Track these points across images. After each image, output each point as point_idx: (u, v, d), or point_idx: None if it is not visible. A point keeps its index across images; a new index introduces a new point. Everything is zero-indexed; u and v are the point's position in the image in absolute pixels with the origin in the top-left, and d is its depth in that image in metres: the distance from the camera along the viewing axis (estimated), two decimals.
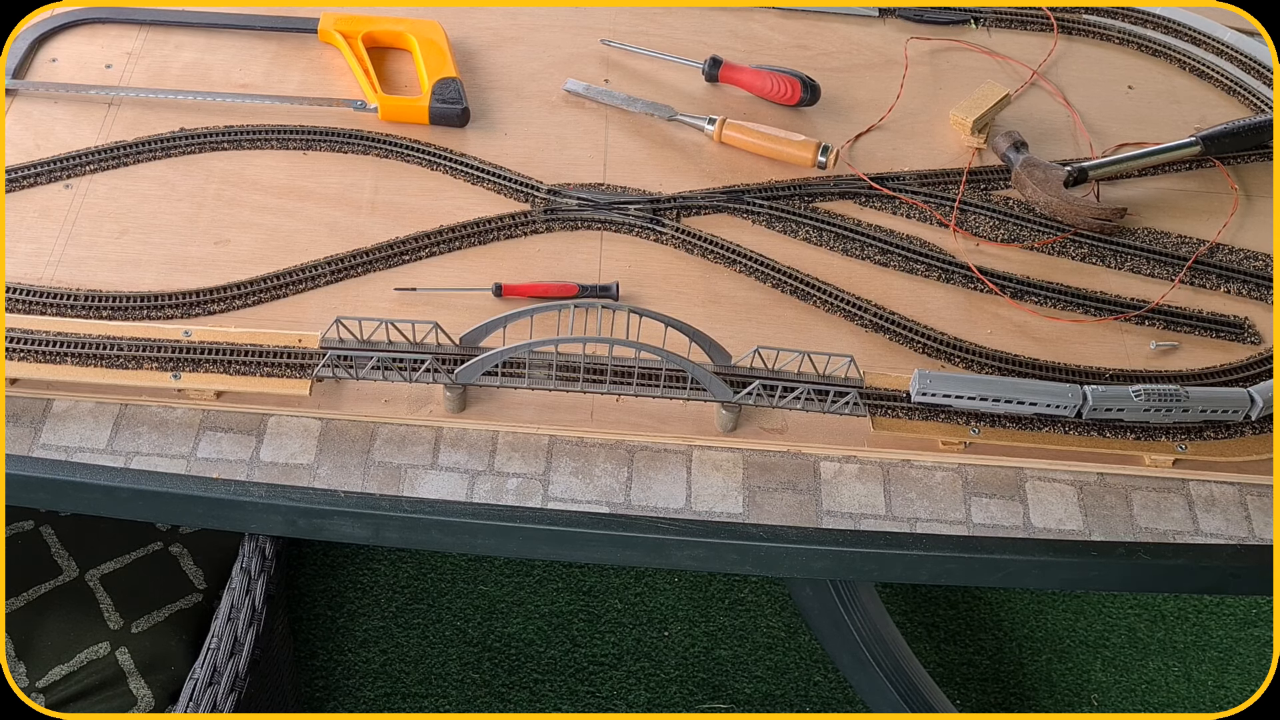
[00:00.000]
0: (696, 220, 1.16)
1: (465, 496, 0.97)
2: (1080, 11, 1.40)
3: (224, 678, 1.14)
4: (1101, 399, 0.98)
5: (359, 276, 1.09)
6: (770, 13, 1.38)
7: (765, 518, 0.98)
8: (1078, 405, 0.98)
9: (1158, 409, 0.98)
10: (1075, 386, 0.98)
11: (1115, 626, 1.81)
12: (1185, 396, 0.98)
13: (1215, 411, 0.99)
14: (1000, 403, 0.98)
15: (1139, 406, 0.98)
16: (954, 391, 0.98)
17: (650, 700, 1.68)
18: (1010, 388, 0.98)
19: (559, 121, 1.24)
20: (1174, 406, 0.98)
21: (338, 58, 1.27)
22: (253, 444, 0.98)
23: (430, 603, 1.74)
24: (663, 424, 1.01)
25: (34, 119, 1.18)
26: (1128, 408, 0.98)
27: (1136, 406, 0.98)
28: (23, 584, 1.22)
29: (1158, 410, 0.98)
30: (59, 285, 1.05)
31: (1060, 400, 0.98)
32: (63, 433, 0.98)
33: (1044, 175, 1.18)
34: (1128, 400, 0.98)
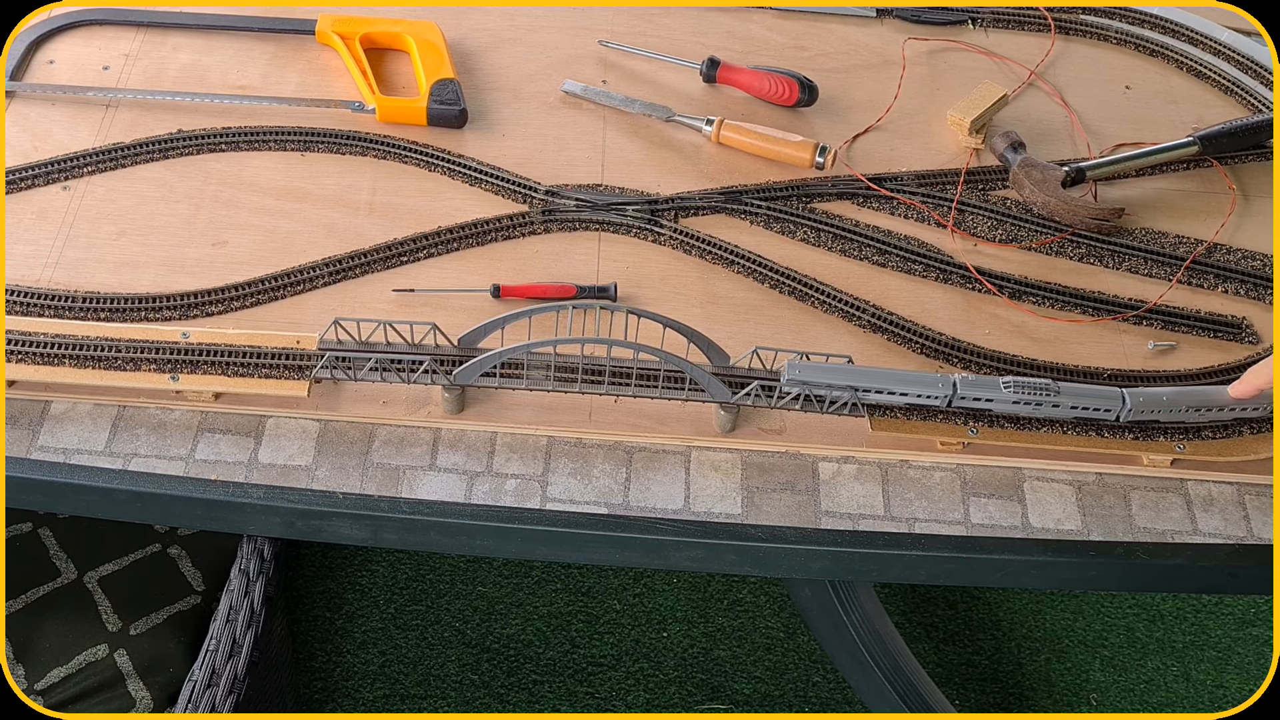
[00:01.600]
0: (694, 221, 1.16)
1: (464, 497, 0.97)
2: (1078, 11, 1.40)
3: (223, 679, 1.14)
4: (970, 388, 0.97)
5: (357, 278, 1.09)
6: (768, 13, 1.38)
7: (764, 518, 0.98)
8: (948, 396, 0.97)
9: (1026, 402, 0.97)
10: (946, 377, 0.97)
11: (1114, 626, 1.81)
12: (1055, 391, 0.97)
13: (1086, 409, 0.98)
14: (870, 393, 0.97)
15: (1008, 399, 0.97)
16: (823, 380, 0.96)
17: (649, 701, 1.68)
18: (879, 377, 0.97)
19: (557, 122, 1.24)
20: (1044, 401, 0.97)
21: (335, 59, 1.27)
22: (251, 445, 0.98)
23: (429, 604, 1.74)
24: (661, 425, 1.01)
25: (31, 120, 1.18)
26: (996, 399, 0.97)
27: (1005, 399, 0.97)
28: (21, 586, 1.22)
29: (1026, 404, 0.97)
30: (57, 287, 1.05)
31: (930, 390, 0.96)
32: (61, 435, 0.98)
33: (1042, 175, 1.18)
34: (996, 391, 0.97)
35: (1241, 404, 0.99)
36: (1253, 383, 0.97)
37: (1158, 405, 0.98)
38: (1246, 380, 0.97)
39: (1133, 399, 0.98)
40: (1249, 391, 0.97)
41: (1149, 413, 0.99)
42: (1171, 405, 0.98)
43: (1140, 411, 0.98)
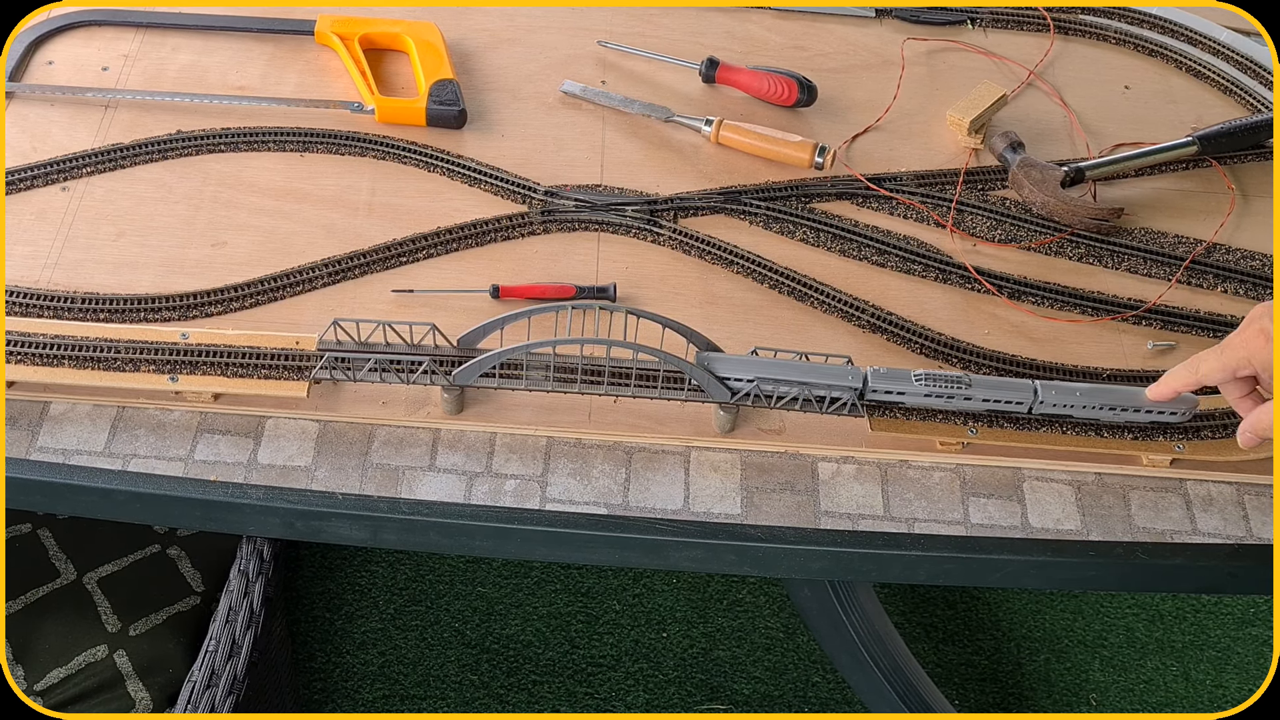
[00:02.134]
0: (694, 221, 1.16)
1: (463, 498, 0.97)
2: (1077, 11, 1.40)
3: (222, 680, 1.14)
4: (881, 381, 0.96)
5: (356, 278, 1.09)
6: (767, 13, 1.38)
7: (763, 518, 0.98)
8: (858, 388, 0.97)
9: (938, 395, 0.97)
10: (857, 370, 0.97)
11: (1113, 626, 1.81)
12: (967, 384, 0.96)
13: (998, 402, 0.97)
14: (782, 384, 0.96)
15: (919, 391, 0.96)
16: (733, 374, 0.96)
17: (649, 701, 1.68)
18: (789, 370, 0.96)
19: (556, 123, 1.24)
20: (955, 394, 0.96)
21: (334, 59, 1.27)
22: (250, 446, 0.98)
23: (428, 604, 1.74)
24: (660, 425, 1.01)
25: (30, 121, 1.18)
26: (908, 391, 0.97)
27: (917, 391, 0.96)
28: (21, 587, 1.22)
29: (938, 396, 0.97)
30: (56, 288, 1.05)
31: (840, 382, 0.96)
32: (60, 435, 0.98)
33: (1041, 175, 1.18)
34: (908, 384, 0.97)
35: (1159, 407, 0.97)
36: (1170, 385, 0.94)
37: (1070, 400, 0.97)
38: (1164, 383, 0.95)
39: (1044, 392, 0.97)
40: (1166, 394, 0.95)
41: (1061, 407, 0.98)
42: (1084, 401, 0.97)
43: (1052, 405, 0.97)
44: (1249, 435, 0.91)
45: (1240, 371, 0.89)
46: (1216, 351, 0.90)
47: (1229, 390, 0.93)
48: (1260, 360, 0.87)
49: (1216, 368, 0.90)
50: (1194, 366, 0.92)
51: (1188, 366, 0.92)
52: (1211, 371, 0.91)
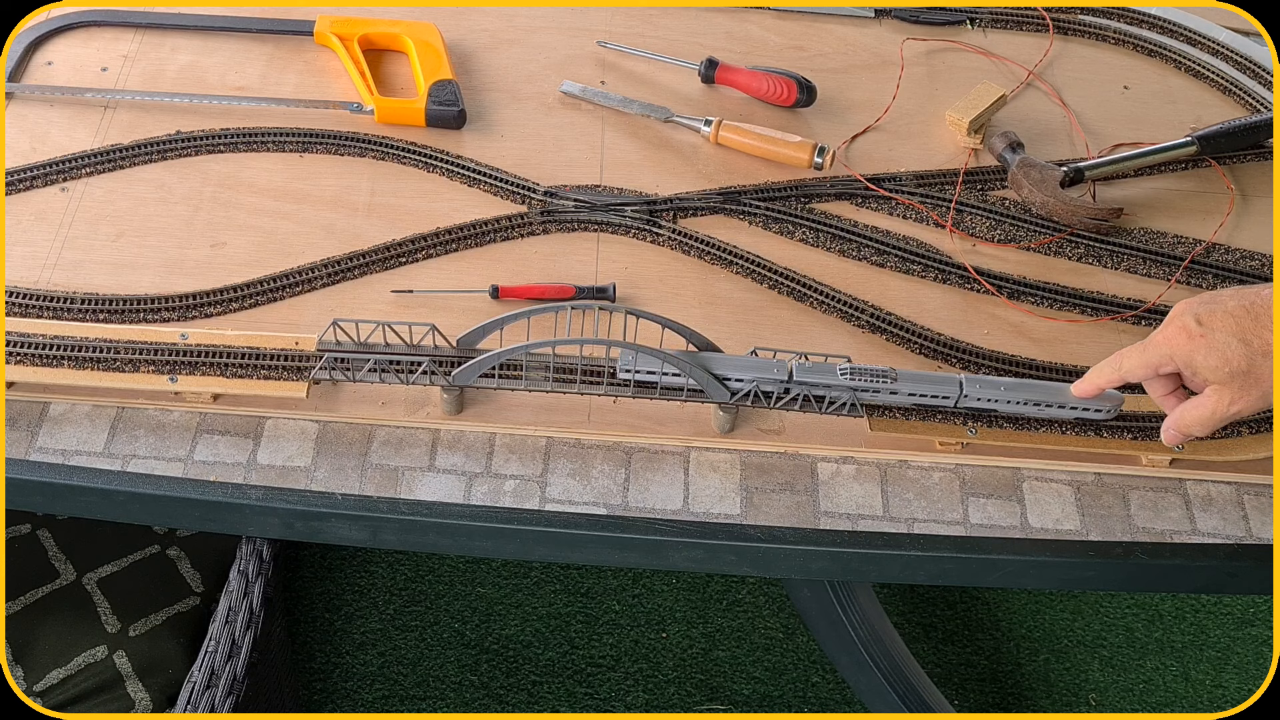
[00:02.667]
0: (693, 221, 1.16)
1: (463, 498, 0.97)
2: (1076, 12, 1.40)
3: (222, 680, 1.14)
4: (807, 374, 0.96)
5: (356, 279, 1.09)
6: (766, 14, 1.38)
7: (763, 519, 0.98)
8: (783, 382, 0.96)
9: (863, 389, 0.96)
10: (782, 363, 0.96)
11: (1113, 626, 1.82)
12: (893, 378, 0.96)
13: (924, 396, 0.97)
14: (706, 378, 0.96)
15: (845, 384, 0.96)
16: (652, 367, 0.96)
17: (648, 701, 1.68)
18: (710, 362, 0.96)
19: (555, 123, 1.24)
20: (881, 388, 0.96)
21: (334, 60, 1.27)
22: (250, 446, 0.98)
23: (428, 605, 1.74)
24: (660, 425, 1.01)
25: (30, 122, 1.18)
26: (834, 384, 0.96)
27: (842, 384, 0.96)
28: (20, 587, 1.22)
29: (864, 390, 0.96)
30: (55, 288, 1.05)
31: (765, 375, 0.96)
32: (60, 436, 0.98)
33: (1040, 175, 1.18)
34: (833, 377, 0.96)
35: (1084, 404, 0.97)
36: (1094, 382, 0.94)
37: (995, 395, 0.97)
38: (1089, 379, 0.94)
39: (969, 386, 0.97)
40: (1090, 391, 0.94)
41: (987, 402, 0.98)
42: (1010, 396, 0.97)
43: (977, 400, 0.97)
44: (1173, 433, 0.91)
45: (1163, 368, 0.89)
46: (1140, 348, 0.90)
47: (1153, 388, 0.93)
48: (1181, 357, 0.87)
49: (1139, 364, 0.90)
50: (1117, 363, 0.91)
51: (1111, 363, 0.92)
52: (1134, 368, 0.90)
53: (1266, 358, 0.84)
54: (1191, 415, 0.89)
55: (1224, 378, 0.86)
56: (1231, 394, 0.86)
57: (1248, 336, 0.84)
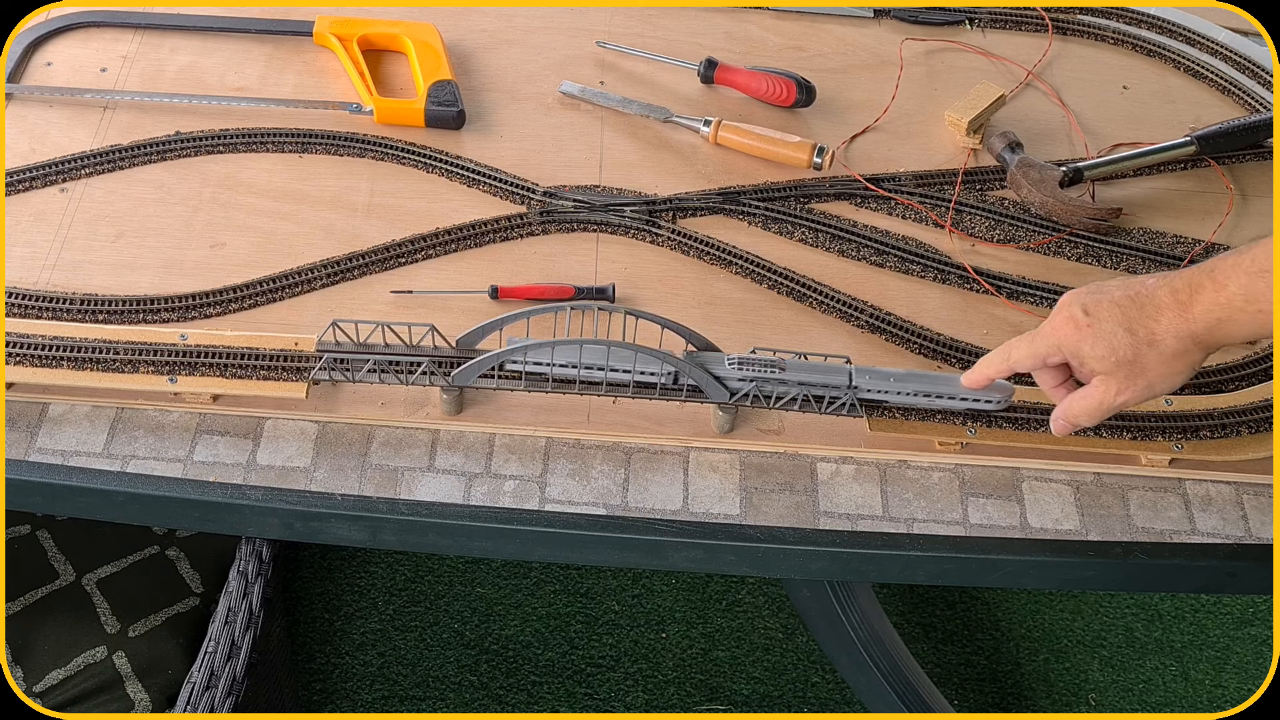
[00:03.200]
0: (692, 221, 1.16)
1: (462, 499, 0.97)
2: (1075, 12, 1.40)
3: (221, 681, 1.14)
4: (697, 362, 0.96)
5: (355, 279, 1.09)
6: (765, 14, 1.38)
7: (762, 519, 0.98)
8: (672, 372, 0.96)
9: (752, 379, 0.96)
10: (671, 354, 0.96)
11: (1112, 626, 1.82)
12: (781, 368, 0.96)
13: (813, 386, 0.97)
14: (594, 370, 0.96)
15: (734, 375, 0.96)
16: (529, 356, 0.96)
17: (648, 702, 1.68)
18: (600, 354, 0.96)
19: (555, 123, 1.24)
20: (771, 379, 0.96)
21: (333, 60, 1.27)
22: (249, 447, 0.98)
23: (427, 605, 1.74)
24: (659, 425, 1.01)
25: (29, 123, 1.18)
26: (724, 376, 0.96)
27: (731, 375, 0.96)
28: (20, 588, 1.22)
29: (752, 381, 0.96)
30: (55, 289, 1.05)
31: (653, 366, 0.96)
32: (59, 436, 0.98)
33: (1039, 175, 1.18)
34: (722, 368, 0.96)
35: (974, 394, 0.96)
36: (983, 372, 0.93)
37: (884, 386, 0.97)
38: (978, 369, 0.94)
39: (859, 377, 0.97)
40: (980, 381, 0.94)
41: (877, 393, 0.97)
42: (899, 387, 0.97)
43: (867, 391, 0.97)
44: (1061, 423, 0.91)
45: (1050, 358, 0.89)
46: (1028, 338, 0.90)
47: (1042, 379, 0.93)
48: (1069, 347, 0.87)
49: (1027, 354, 0.90)
50: (1006, 353, 0.91)
51: (1000, 353, 0.92)
52: (1023, 358, 0.90)
53: (1152, 347, 0.84)
54: (1079, 405, 0.89)
55: (1110, 367, 0.85)
56: (1118, 384, 0.86)
57: (1133, 326, 0.84)
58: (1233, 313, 0.81)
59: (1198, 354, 0.84)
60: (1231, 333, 0.82)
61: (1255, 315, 0.80)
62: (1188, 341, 0.83)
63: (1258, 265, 0.79)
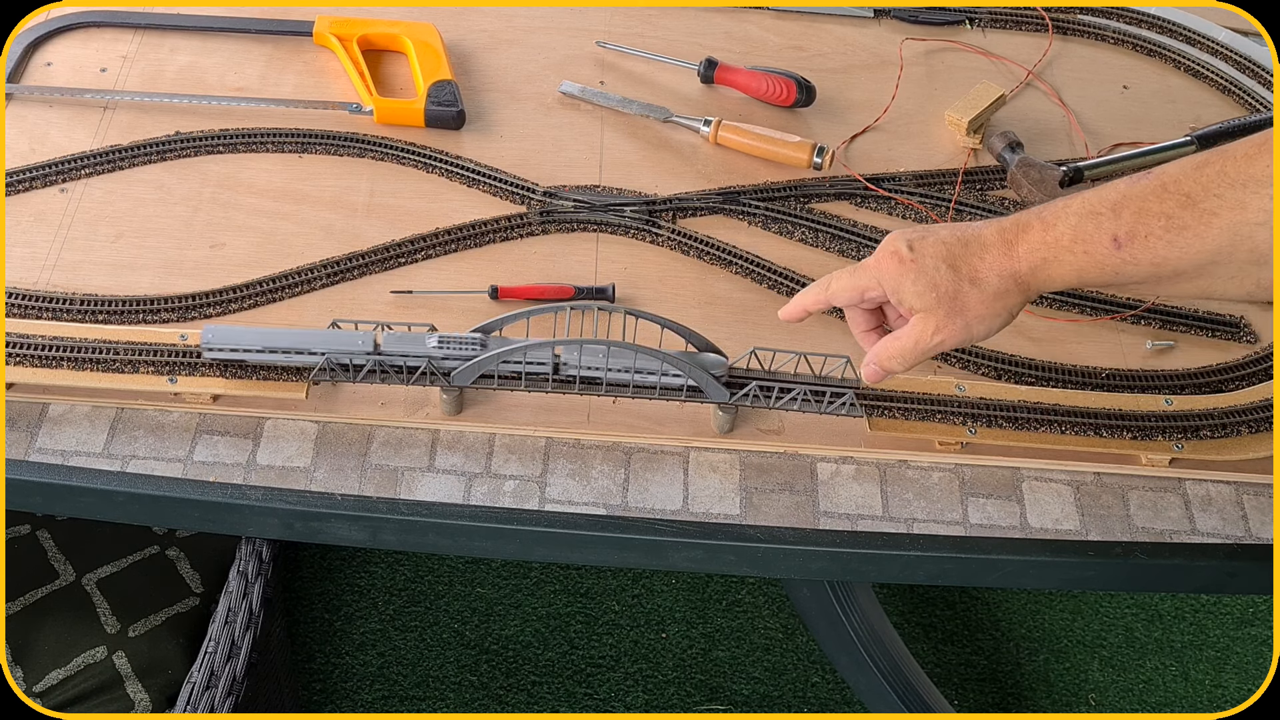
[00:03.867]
0: (692, 221, 1.16)
1: (462, 499, 0.97)
2: (1075, 11, 1.40)
3: (221, 681, 1.14)
4: (396, 344, 0.95)
5: (355, 279, 1.09)
6: (765, 14, 1.38)
7: (762, 519, 0.98)
8: (369, 353, 0.95)
9: (455, 357, 0.95)
10: (368, 334, 0.95)
11: (1112, 626, 1.82)
12: (483, 345, 0.95)
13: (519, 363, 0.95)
14: (293, 354, 0.96)
15: (438, 354, 0.95)
16: (241, 344, 0.96)
17: (648, 702, 1.68)
18: (294, 338, 0.95)
19: (554, 124, 1.24)
20: (472, 355, 0.95)
21: (333, 60, 1.27)
22: (249, 447, 0.98)
23: (427, 605, 1.74)
24: (659, 425, 1.01)
25: (29, 123, 1.18)
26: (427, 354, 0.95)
27: (435, 354, 0.95)
28: (19, 588, 1.22)
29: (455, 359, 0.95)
30: (54, 289, 1.05)
31: (350, 347, 0.95)
32: (59, 436, 0.98)
33: (1039, 175, 1.18)
34: (422, 346, 0.95)
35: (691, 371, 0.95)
36: (801, 304, 0.91)
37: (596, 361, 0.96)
38: (796, 301, 0.91)
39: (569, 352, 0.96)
40: (796, 312, 0.92)
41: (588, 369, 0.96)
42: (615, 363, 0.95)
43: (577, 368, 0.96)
44: (873, 368, 0.89)
45: (869, 292, 0.87)
46: (849, 271, 0.88)
47: (855, 320, 0.92)
48: (889, 282, 0.85)
49: (847, 286, 0.88)
50: (825, 284, 0.89)
51: (818, 285, 0.90)
52: (841, 289, 0.88)
53: (974, 285, 0.83)
54: (894, 346, 0.87)
55: (930, 304, 0.84)
56: (936, 322, 0.84)
57: (956, 263, 0.83)
58: (1059, 252, 0.80)
59: (1018, 296, 0.83)
60: (1055, 275, 0.81)
61: (1081, 256, 0.79)
62: (1009, 281, 0.82)
63: (1088, 207, 0.79)
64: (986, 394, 1.02)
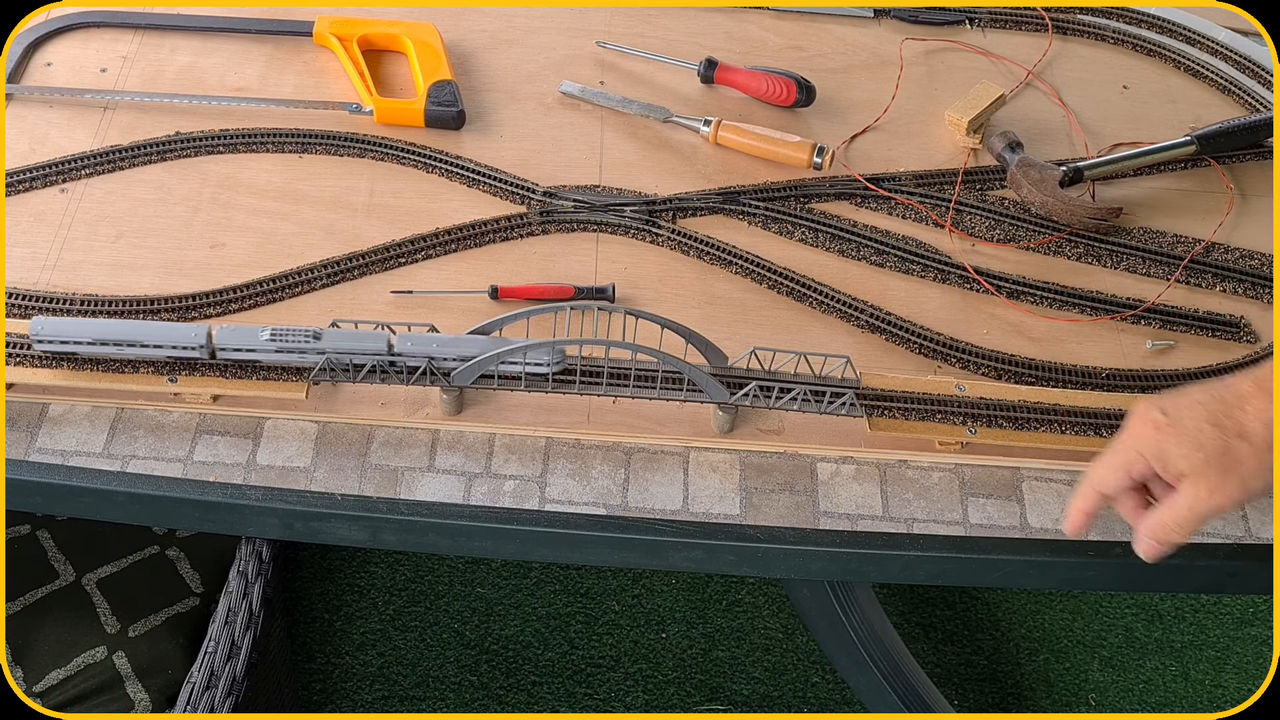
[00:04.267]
0: (692, 221, 1.16)
1: (462, 499, 0.97)
2: (1075, 11, 1.40)
3: (221, 681, 1.14)
4: (229, 337, 0.95)
5: (355, 279, 1.09)
6: (765, 14, 1.38)
7: (762, 519, 0.98)
8: (203, 345, 0.95)
9: (289, 350, 0.95)
10: (202, 327, 0.96)
11: (1112, 626, 1.81)
12: (317, 337, 0.95)
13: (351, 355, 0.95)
14: (125, 347, 0.96)
15: (270, 348, 0.95)
16: (71, 336, 0.95)
17: (648, 702, 1.68)
18: (130, 330, 0.95)
19: (554, 124, 1.24)
20: (307, 349, 0.95)
21: (333, 61, 1.27)
22: (249, 447, 0.98)
23: (427, 605, 1.74)
24: (659, 425, 1.01)
25: (29, 123, 1.18)
26: (257, 348, 0.95)
27: (268, 347, 0.95)
28: (20, 588, 1.22)
29: (289, 352, 0.95)
30: (55, 289, 1.05)
31: (184, 341, 0.95)
32: (59, 437, 0.98)
33: (1039, 175, 1.18)
34: (256, 340, 0.95)
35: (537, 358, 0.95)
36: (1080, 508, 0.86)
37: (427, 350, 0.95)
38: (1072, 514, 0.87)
39: (401, 344, 0.95)
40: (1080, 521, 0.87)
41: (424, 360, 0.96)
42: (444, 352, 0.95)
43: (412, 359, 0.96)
44: (1149, 544, 0.83)
45: (1134, 467, 0.82)
46: (1105, 455, 0.83)
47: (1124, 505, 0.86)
48: (1151, 450, 0.81)
49: (1109, 468, 0.84)
50: (1088, 479, 0.85)
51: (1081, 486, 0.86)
52: (1105, 475, 0.84)
53: (1242, 438, 0.78)
54: (1168, 516, 0.81)
55: (1199, 465, 0.79)
56: (1209, 482, 0.79)
57: (1218, 419, 0.79)
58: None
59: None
60: None
61: None
62: None
63: None
64: (986, 394, 1.02)
